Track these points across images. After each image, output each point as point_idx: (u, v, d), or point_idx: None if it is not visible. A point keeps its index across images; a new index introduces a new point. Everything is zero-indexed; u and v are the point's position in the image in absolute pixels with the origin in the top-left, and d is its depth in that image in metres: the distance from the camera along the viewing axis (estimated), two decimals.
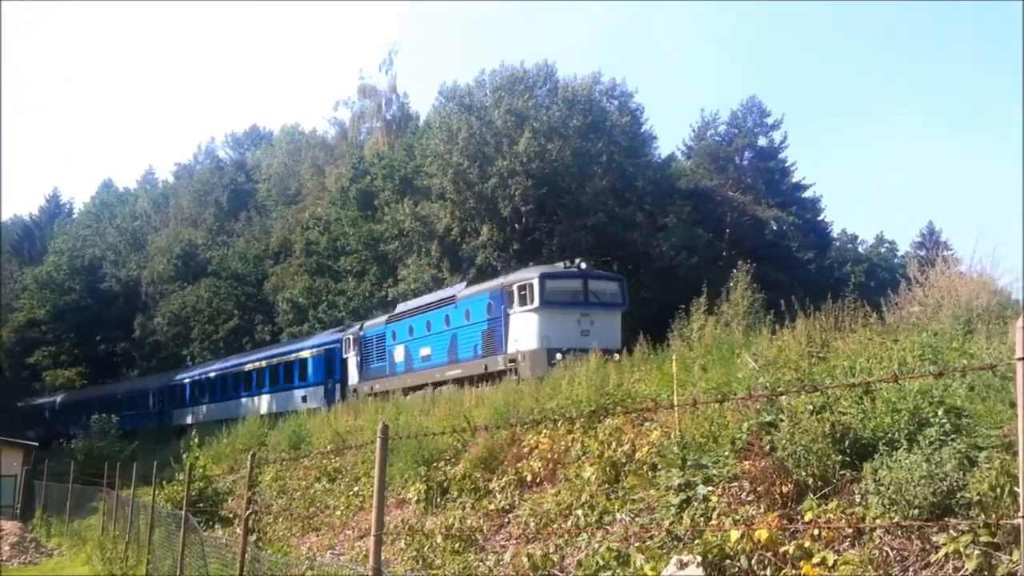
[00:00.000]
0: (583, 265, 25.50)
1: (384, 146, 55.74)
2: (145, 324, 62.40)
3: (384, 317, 33.42)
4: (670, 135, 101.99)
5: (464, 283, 29.75)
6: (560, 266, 26.19)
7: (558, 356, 21.69)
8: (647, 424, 12.14)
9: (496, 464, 13.80)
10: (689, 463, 10.00)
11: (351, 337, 34.24)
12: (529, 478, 12.78)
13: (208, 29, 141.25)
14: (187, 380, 47.93)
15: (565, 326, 23.85)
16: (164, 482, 19.20)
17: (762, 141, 52.82)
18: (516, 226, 41.54)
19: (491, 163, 40.91)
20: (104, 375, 63.31)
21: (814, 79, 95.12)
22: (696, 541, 8.43)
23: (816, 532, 7.76)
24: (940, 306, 12.40)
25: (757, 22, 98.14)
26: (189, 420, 44.31)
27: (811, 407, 9.15)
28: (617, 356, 18.85)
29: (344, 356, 34.78)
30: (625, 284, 27.01)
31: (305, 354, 37.86)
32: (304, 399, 36.06)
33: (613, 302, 25.64)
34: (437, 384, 26.79)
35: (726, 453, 9.80)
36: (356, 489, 16.74)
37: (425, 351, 28.91)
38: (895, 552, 7.23)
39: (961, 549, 6.63)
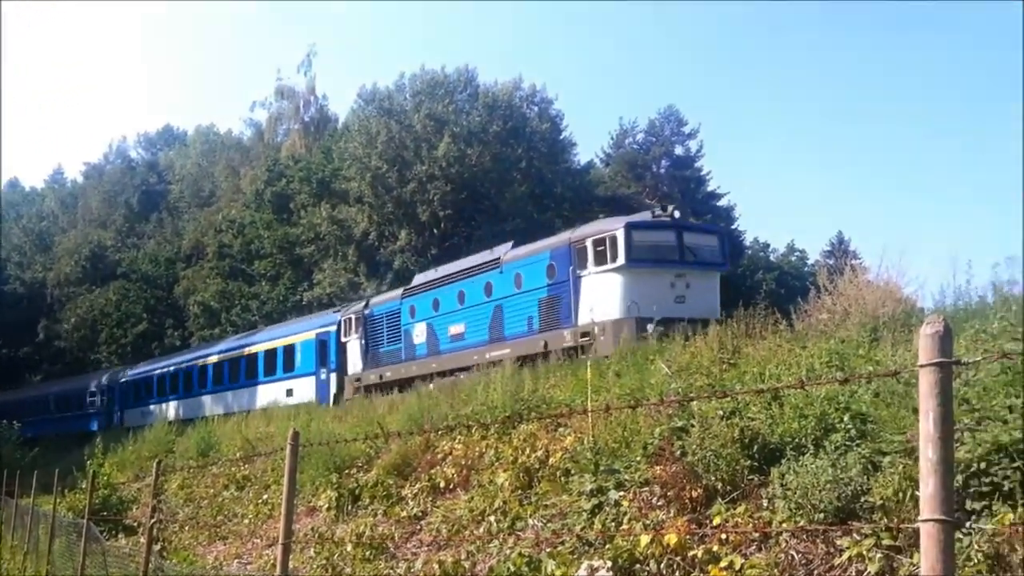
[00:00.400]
0: (676, 213, 20.56)
1: (301, 148, 55.19)
2: (50, 328, 60.59)
3: (398, 290, 28.55)
4: (589, 142, 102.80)
5: (511, 243, 24.59)
6: (647, 215, 21.25)
7: (649, 327, 17.72)
8: (561, 430, 12.12)
9: (409, 471, 13.66)
10: (602, 468, 10.01)
11: (352, 317, 29.31)
12: (442, 484, 12.66)
13: (121, 25, 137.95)
14: (142, 375, 43.36)
15: (656, 290, 19.22)
16: (66, 490, 18.62)
17: (679, 150, 53.67)
18: (435, 231, 41.47)
19: (410, 167, 40.81)
20: (5, 380, 61.16)
21: (728, 90, 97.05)
22: (607, 546, 8.41)
23: (724, 536, 7.80)
24: (848, 314, 12.66)
25: (676, 31, 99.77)
26: (148, 420, 38.17)
27: (721, 412, 9.21)
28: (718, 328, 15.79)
29: (343, 340, 29.82)
30: (726, 239, 22.08)
31: (291, 340, 33.07)
32: (289, 393, 31.53)
33: (712, 260, 20.99)
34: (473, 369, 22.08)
35: (638, 458, 9.82)
36: (266, 497, 16.42)
37: (456, 328, 24.05)
38: (800, 555, 7.30)
39: (864, 552, 6.72)
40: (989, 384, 7.67)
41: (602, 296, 19.48)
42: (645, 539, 8.06)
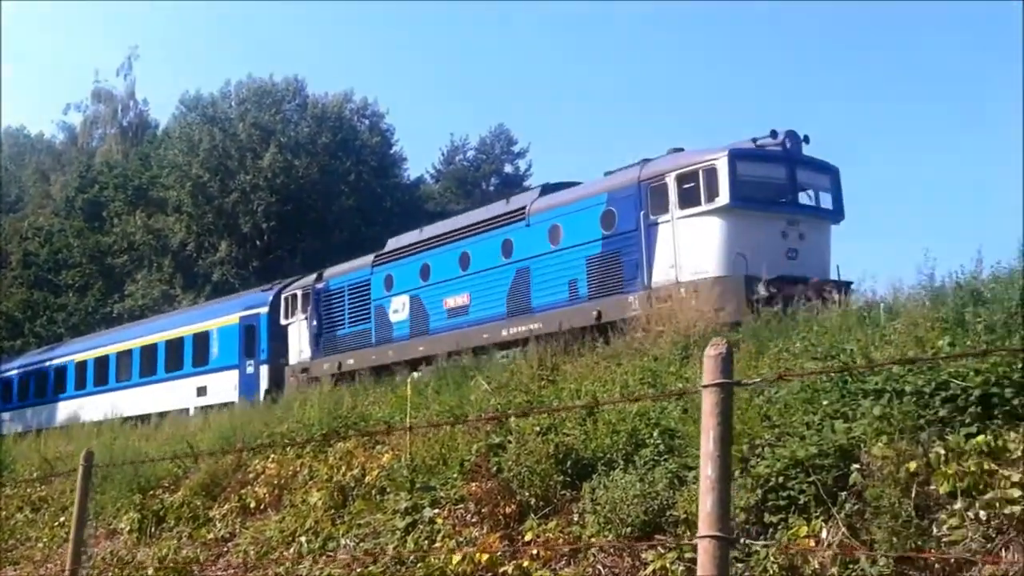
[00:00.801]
0: (787, 144, 16.11)
1: (118, 154, 53.00)
2: None
3: (366, 257, 23.21)
4: (420, 158, 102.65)
5: (538, 189, 19.70)
6: (749, 143, 16.26)
7: (760, 289, 14.26)
8: (379, 447, 11.96)
9: (218, 491, 13.13)
10: (418, 486, 9.94)
11: (298, 293, 24.36)
12: (253, 505, 12.22)
13: None
14: (12, 373, 36.65)
15: (766, 240, 15.29)
16: None
17: (508, 168, 54.36)
18: (257, 243, 40.55)
19: (233, 177, 39.84)
20: None
21: (553, 110, 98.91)
22: (419, 564, 8.34)
23: (535, 552, 7.84)
24: (661, 332, 13.03)
25: (507, 51, 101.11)
26: (30, 424, 31.74)
27: (538, 428, 9.30)
28: (835, 295, 12.81)
29: (283, 323, 24.74)
30: (840, 180, 17.07)
31: (205, 326, 27.31)
32: (202, 392, 26.24)
33: (826, 206, 16.76)
34: (478, 350, 17.71)
35: (455, 475, 9.79)
36: (63, 519, 15.43)
37: (456, 300, 19.59)
38: (608, 569, 7.41)
39: (667, 565, 6.87)
40: (790, 401, 8.04)
41: (692, 247, 15.46)
42: (457, 557, 8.03)
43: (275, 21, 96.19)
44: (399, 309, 21.03)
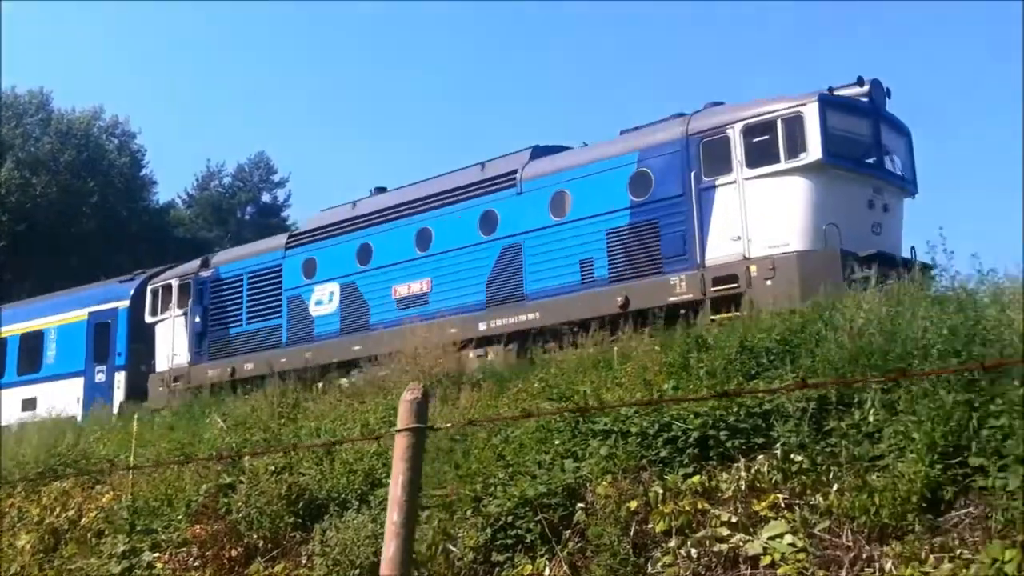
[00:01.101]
0: (873, 95, 13.62)
1: None
2: None
3: (276, 238, 19.85)
4: (175, 182, 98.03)
5: (528, 151, 16.17)
6: (825, 89, 13.42)
7: (855, 269, 11.67)
8: (99, 487, 11.24)
9: None
10: (139, 528, 9.39)
11: (173, 284, 20.29)
12: None
13: None
14: None
15: (854, 208, 12.89)
16: None
17: (266, 197, 53.10)
18: None
19: None
20: None
21: (313, 140, 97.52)
22: None
23: None
24: (405, 371, 13.02)
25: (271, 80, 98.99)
26: None
27: (273, 468, 9.04)
28: (910, 276, 10.20)
29: (150, 320, 20.69)
30: (913, 146, 14.74)
31: (39, 324, 22.99)
32: (30, 405, 21.55)
33: (902, 176, 14.22)
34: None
35: (180, 517, 9.34)
36: None
37: (411, 287, 16.21)
38: None
39: None
40: (525, 441, 8.19)
41: (767, 214, 12.81)
42: None
43: (22, 30, 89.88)
44: (324, 300, 17.54)
